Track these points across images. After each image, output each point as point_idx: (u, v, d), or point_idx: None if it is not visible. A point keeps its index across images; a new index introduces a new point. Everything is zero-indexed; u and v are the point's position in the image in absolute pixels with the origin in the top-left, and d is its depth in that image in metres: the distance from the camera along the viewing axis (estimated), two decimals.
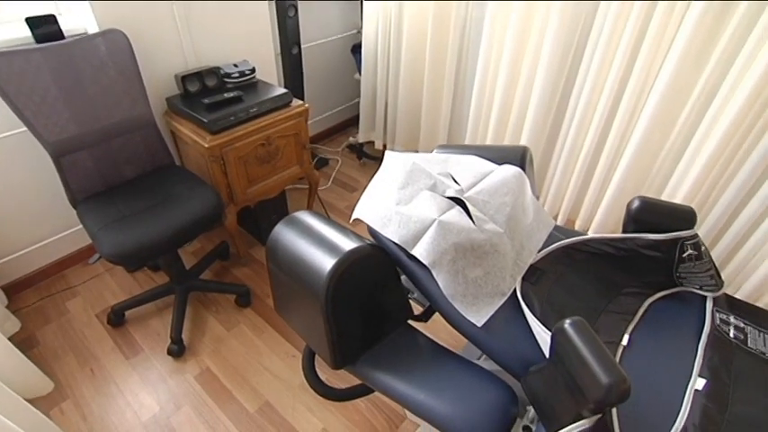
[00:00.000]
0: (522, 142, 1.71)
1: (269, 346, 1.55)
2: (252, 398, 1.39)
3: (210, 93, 1.55)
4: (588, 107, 1.53)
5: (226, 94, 1.48)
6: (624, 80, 1.43)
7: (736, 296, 1.01)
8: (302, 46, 1.99)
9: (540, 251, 0.97)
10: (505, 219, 0.93)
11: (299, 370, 1.47)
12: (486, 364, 0.95)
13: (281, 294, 1.00)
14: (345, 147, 2.58)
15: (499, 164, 1.06)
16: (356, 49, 2.35)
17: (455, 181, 0.98)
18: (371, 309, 0.92)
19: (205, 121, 1.39)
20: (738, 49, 1.21)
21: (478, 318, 0.85)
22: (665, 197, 1.49)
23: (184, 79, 1.53)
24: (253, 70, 1.64)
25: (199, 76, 1.56)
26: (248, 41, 1.74)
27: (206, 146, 1.38)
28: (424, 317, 1.08)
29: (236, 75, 1.59)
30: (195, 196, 1.37)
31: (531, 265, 0.95)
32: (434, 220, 0.86)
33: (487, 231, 0.89)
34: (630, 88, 1.41)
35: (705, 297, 0.97)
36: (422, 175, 0.97)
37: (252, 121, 1.50)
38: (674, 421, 0.76)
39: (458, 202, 0.93)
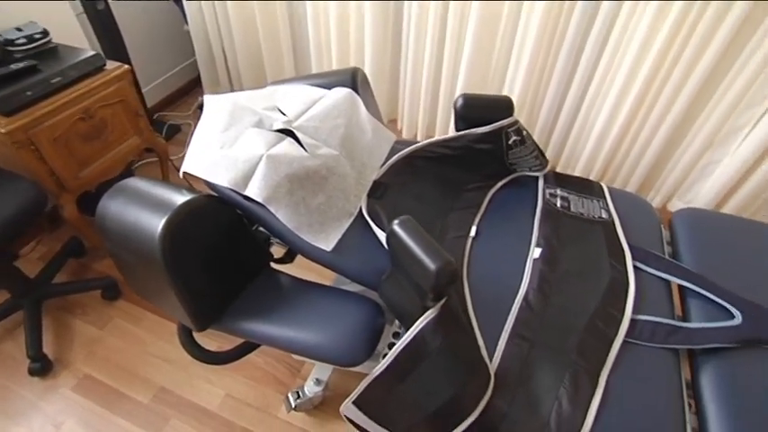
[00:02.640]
0: (367, 60, 1.68)
1: (151, 331, 1.45)
2: (144, 389, 1.31)
3: None
4: (421, 19, 1.53)
5: (14, 66, 1.25)
6: None
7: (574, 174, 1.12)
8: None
9: (382, 166, 0.98)
10: (340, 141, 0.92)
11: None
12: (353, 286, 0.97)
13: (126, 270, 0.92)
14: (196, 108, 2.37)
15: (330, 89, 1.03)
16: None
17: (282, 113, 0.93)
18: (223, 261, 0.87)
19: None
20: None
21: (327, 243, 0.84)
22: (505, 92, 1.58)
23: None
24: (45, 33, 1.39)
25: None
26: None
27: (2, 131, 1.17)
28: (288, 258, 1.06)
29: (23, 41, 1.34)
30: (3, 193, 1.17)
31: (376, 181, 0.95)
32: (262, 155, 0.82)
33: (322, 156, 0.87)
34: None
35: (537, 177, 1.05)
36: (245, 113, 0.91)
37: (59, 94, 1.29)
38: (518, 289, 0.84)
39: (288, 133, 0.89)
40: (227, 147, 0.86)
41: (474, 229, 0.93)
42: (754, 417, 0.71)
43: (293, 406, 1.15)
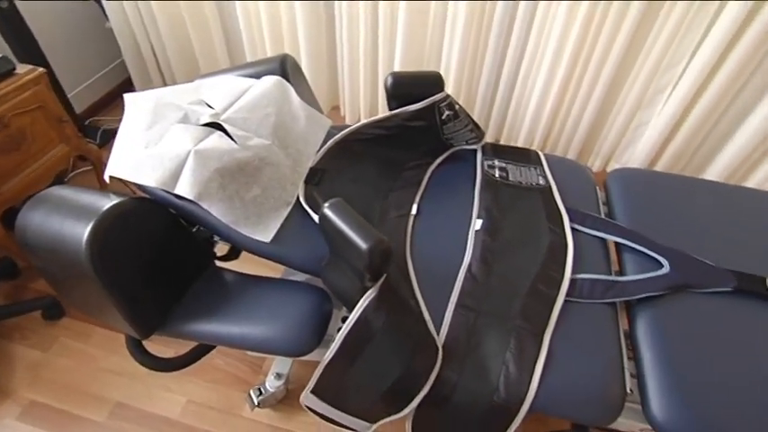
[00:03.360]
0: (302, 47, 1.64)
1: (102, 346, 1.38)
2: (98, 407, 1.25)
3: None
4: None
5: None
6: None
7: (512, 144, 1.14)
8: None
9: (318, 152, 0.97)
10: (271, 130, 0.89)
11: None
12: (302, 275, 0.96)
13: (58, 285, 0.88)
14: None
15: (259, 78, 1.00)
16: None
17: (210, 107, 0.90)
18: (161, 264, 0.84)
19: None
20: None
21: (266, 234, 0.83)
22: (443, 69, 1.58)
23: None
24: None
25: None
26: None
27: None
28: (233, 254, 1.03)
29: None
30: None
31: (312, 168, 0.94)
32: (189, 151, 0.79)
33: (253, 147, 0.85)
34: None
35: (475, 150, 1.07)
36: (169, 109, 0.87)
37: None
38: (462, 261, 0.85)
39: (217, 126, 0.86)
40: (153, 145, 0.82)
41: (415, 207, 0.93)
42: (684, 356, 0.76)
43: (256, 403, 1.14)
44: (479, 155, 1.05)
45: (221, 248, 1.05)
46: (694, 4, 1.23)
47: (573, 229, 0.92)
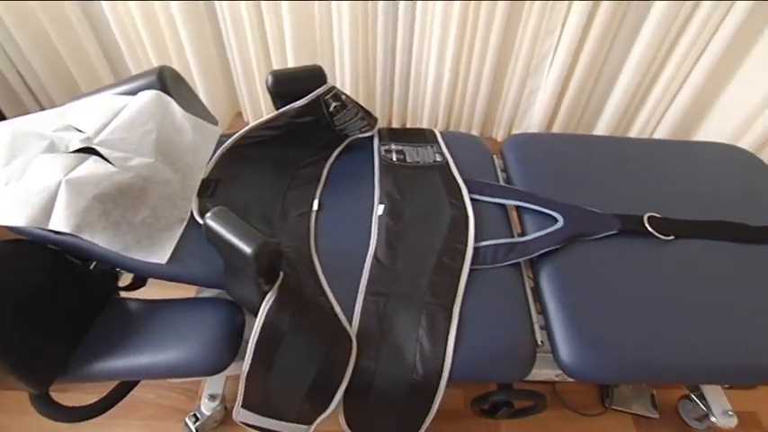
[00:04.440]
0: (190, 55, 1.55)
1: (10, 411, 1.25)
2: None
3: None
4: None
5: None
6: None
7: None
8: None
9: (209, 162, 0.94)
10: (154, 147, 0.85)
11: None
12: (213, 291, 0.93)
13: None
14: None
15: (136, 94, 0.95)
16: None
17: (80, 131, 0.84)
18: (51, 307, 0.78)
19: None
20: None
21: (162, 255, 0.79)
22: (337, 60, 1.58)
23: None
24: None
25: None
26: None
27: None
28: (140, 281, 0.98)
29: None
30: None
31: (204, 179, 0.90)
32: (60, 181, 0.73)
33: (134, 168, 0.80)
34: None
35: (372, 138, 1.08)
36: (30, 139, 0.80)
37: None
38: (368, 249, 0.86)
39: (92, 151, 0.80)
40: (15, 181, 0.75)
41: (316, 202, 0.93)
42: (582, 300, 0.81)
43: (194, 430, 1.09)
44: (376, 141, 1.06)
45: (127, 278, 1.00)
46: None
47: (472, 200, 0.95)
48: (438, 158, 1.03)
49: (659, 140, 1.26)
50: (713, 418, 1.09)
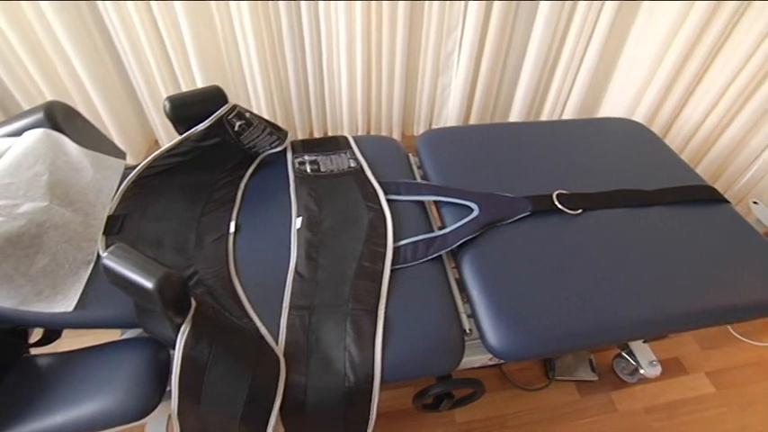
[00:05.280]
0: (89, 86, 1.46)
1: None
2: None
3: None
4: (125, 21, 1.38)
5: None
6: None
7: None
8: None
9: (114, 197, 0.89)
10: (46, 190, 0.80)
11: None
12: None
13: None
14: None
15: (21, 134, 0.89)
16: None
17: None
18: None
19: None
20: None
21: (67, 303, 0.74)
22: (247, 77, 1.55)
23: None
24: None
25: None
26: None
27: None
28: (53, 335, 0.92)
29: None
30: None
31: (110, 216, 0.86)
32: None
33: (25, 214, 0.75)
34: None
35: (285, 152, 1.07)
36: None
37: None
38: (289, 264, 0.85)
39: None
40: None
41: (233, 224, 0.91)
42: (502, 283, 0.84)
43: None
44: (289, 155, 1.05)
45: (38, 332, 0.93)
46: None
47: (390, 201, 0.97)
48: (352, 164, 1.04)
49: (564, 121, 1.34)
50: (642, 370, 1.18)
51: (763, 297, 0.88)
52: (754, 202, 1.35)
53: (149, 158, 0.92)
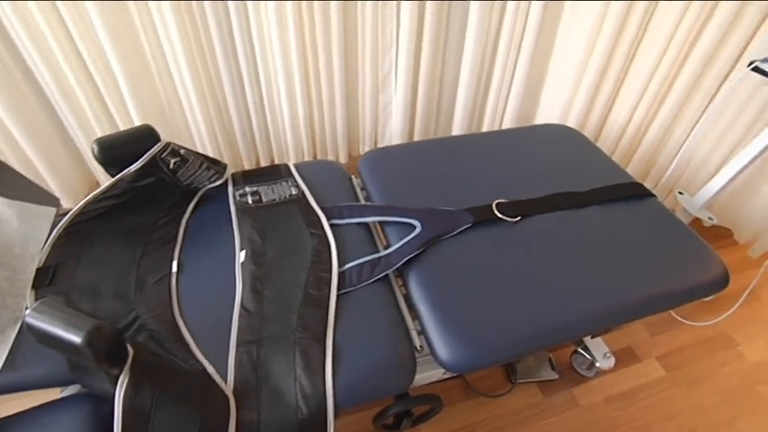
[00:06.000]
0: (14, 129, 1.39)
1: None
2: None
3: None
4: (48, 58, 1.35)
5: None
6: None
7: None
8: None
9: (43, 248, 0.86)
10: None
11: None
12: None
13: None
14: None
15: None
16: None
17: None
18: None
19: None
20: None
21: None
22: (187, 111, 1.53)
23: None
24: None
25: None
26: None
27: None
28: None
29: None
30: None
31: (39, 268, 0.83)
32: None
33: None
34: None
35: (225, 185, 1.06)
36: None
37: None
38: (234, 299, 0.84)
39: None
40: None
41: (175, 263, 0.89)
42: (447, 297, 0.86)
43: None
44: (230, 187, 1.04)
45: None
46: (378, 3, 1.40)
47: (333, 225, 0.97)
48: (294, 192, 1.04)
49: (502, 130, 1.38)
50: (597, 363, 1.22)
51: (693, 281, 0.94)
52: (680, 193, 1.44)
53: (81, 203, 0.89)
